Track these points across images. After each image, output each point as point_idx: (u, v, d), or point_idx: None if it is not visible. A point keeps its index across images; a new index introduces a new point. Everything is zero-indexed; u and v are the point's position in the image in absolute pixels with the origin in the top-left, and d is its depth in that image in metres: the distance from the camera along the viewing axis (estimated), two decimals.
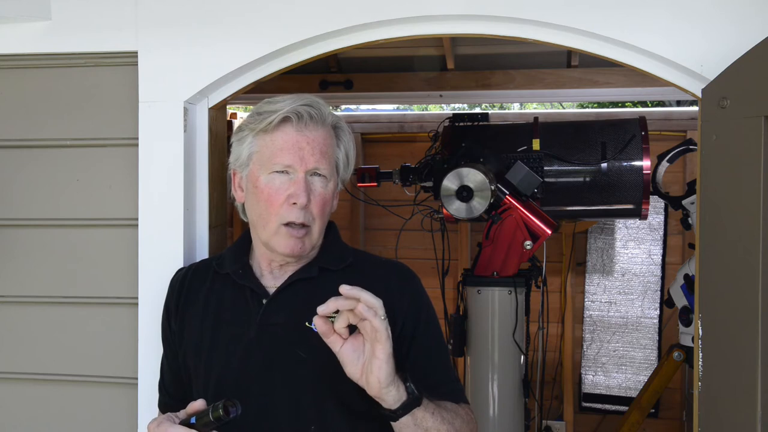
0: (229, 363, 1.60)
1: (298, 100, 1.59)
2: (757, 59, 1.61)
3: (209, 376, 1.62)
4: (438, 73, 3.83)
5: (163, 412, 1.71)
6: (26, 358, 2.12)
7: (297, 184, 1.55)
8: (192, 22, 2.00)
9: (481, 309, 2.70)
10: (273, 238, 1.58)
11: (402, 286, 1.67)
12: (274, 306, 1.61)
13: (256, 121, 1.59)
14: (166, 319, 1.74)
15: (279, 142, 1.56)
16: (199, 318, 1.67)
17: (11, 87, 2.12)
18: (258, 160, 1.59)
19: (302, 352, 1.56)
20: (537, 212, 2.70)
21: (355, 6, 1.93)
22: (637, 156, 2.86)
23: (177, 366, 1.71)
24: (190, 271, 1.77)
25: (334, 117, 1.63)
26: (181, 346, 1.69)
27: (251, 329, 1.61)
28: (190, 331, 1.68)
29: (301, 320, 1.57)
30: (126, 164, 2.04)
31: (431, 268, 3.02)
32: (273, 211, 1.57)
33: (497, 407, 2.68)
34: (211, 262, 1.76)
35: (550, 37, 1.93)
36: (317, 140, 1.57)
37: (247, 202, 1.65)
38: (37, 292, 2.11)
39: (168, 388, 1.77)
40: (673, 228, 4.18)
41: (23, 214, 2.11)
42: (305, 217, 1.56)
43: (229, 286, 1.68)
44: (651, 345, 4.26)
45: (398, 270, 1.72)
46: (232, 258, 1.71)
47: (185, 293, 1.72)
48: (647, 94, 4.48)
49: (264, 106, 1.61)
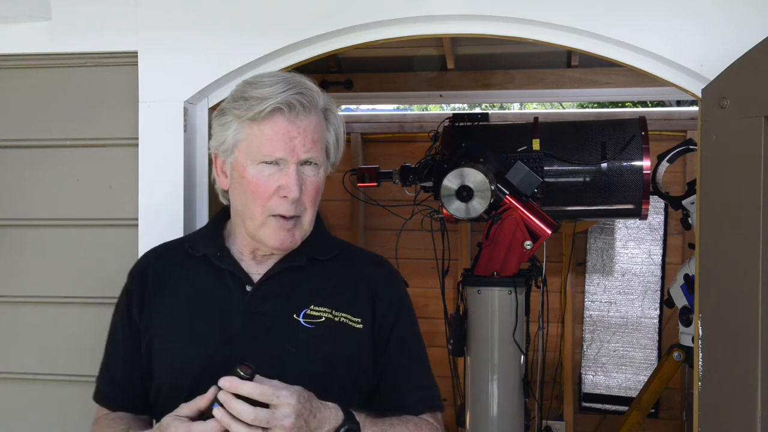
0: (212, 353, 1.52)
1: (286, 84, 1.48)
2: (757, 59, 1.61)
3: (186, 365, 1.53)
4: (438, 73, 3.83)
5: (110, 405, 1.64)
6: (26, 358, 2.12)
7: (288, 176, 1.47)
8: (192, 23, 2.00)
9: (481, 309, 2.70)
10: (260, 230, 1.52)
11: (387, 288, 1.65)
12: (261, 294, 1.55)
13: (242, 107, 1.49)
14: (126, 310, 1.61)
15: (269, 132, 1.47)
16: (172, 305, 1.58)
17: (11, 87, 2.12)
18: (245, 149, 1.50)
19: (291, 346, 1.52)
20: (537, 212, 2.70)
21: (355, 6, 1.93)
22: (637, 156, 2.86)
23: (135, 357, 1.59)
24: (153, 258, 1.67)
25: (324, 100, 1.54)
26: (146, 336, 1.58)
27: (236, 317, 1.54)
28: (161, 319, 1.57)
29: (289, 311, 1.54)
30: (126, 164, 2.04)
31: (431, 268, 3.02)
32: (261, 202, 1.49)
33: (497, 407, 2.68)
34: (179, 244, 1.66)
35: (550, 37, 1.93)
36: (309, 129, 1.49)
37: (232, 190, 1.57)
38: (37, 292, 2.11)
39: (121, 381, 1.64)
40: (673, 228, 4.18)
41: (23, 214, 2.11)
42: (296, 209, 1.50)
43: (204, 270, 1.59)
44: (651, 345, 4.25)
45: (386, 271, 1.69)
46: (206, 240, 1.63)
47: (152, 281, 1.61)
48: (647, 94, 4.47)
49: (249, 90, 1.50)
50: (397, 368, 1.62)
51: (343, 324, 1.55)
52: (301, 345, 1.51)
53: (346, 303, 1.57)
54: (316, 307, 1.55)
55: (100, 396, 1.68)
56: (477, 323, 2.71)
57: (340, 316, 1.55)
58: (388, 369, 1.60)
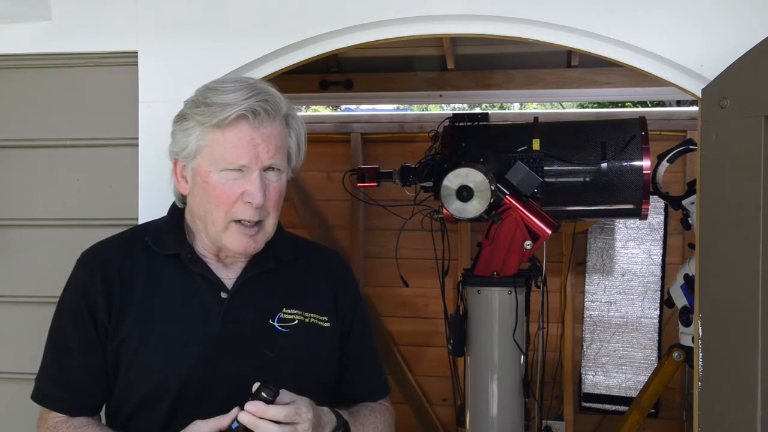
0: (190, 361, 1.51)
1: (250, 91, 1.48)
2: (757, 59, 1.61)
3: (169, 372, 1.51)
4: (438, 73, 3.83)
5: (69, 411, 1.56)
6: (26, 358, 2.12)
7: (252, 183, 1.48)
8: (192, 23, 2.00)
9: (481, 309, 2.70)
10: (223, 235, 1.52)
11: (345, 283, 1.72)
12: (236, 301, 1.56)
13: (205, 113, 1.48)
14: (87, 308, 1.54)
15: (233, 140, 1.47)
16: (142, 309, 1.54)
17: (11, 87, 2.12)
18: (209, 155, 1.49)
19: (269, 351, 1.55)
20: (537, 212, 2.69)
21: (355, 6, 1.93)
22: (637, 156, 2.85)
23: (99, 360, 1.54)
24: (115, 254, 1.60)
25: (286, 106, 1.55)
26: (115, 338, 1.52)
27: (213, 325, 1.54)
28: (132, 325, 1.53)
29: (264, 316, 1.57)
30: (126, 164, 2.04)
31: (431, 268, 3.02)
32: (224, 208, 1.49)
33: (497, 407, 2.68)
34: (140, 239, 1.61)
35: (550, 37, 1.93)
36: (273, 135, 1.50)
37: (193, 195, 1.56)
38: (37, 292, 2.10)
39: (80, 385, 1.56)
40: (673, 228, 4.17)
41: (23, 214, 2.11)
42: (260, 214, 1.51)
43: (173, 270, 1.57)
44: (651, 345, 4.25)
45: (342, 266, 1.77)
46: (172, 238, 1.60)
47: (118, 278, 1.55)
48: (647, 94, 4.48)
49: (211, 96, 1.50)
50: (358, 359, 1.71)
51: (313, 325, 1.61)
52: (279, 349, 1.56)
53: (312, 303, 1.63)
54: (288, 310, 1.59)
55: (53, 400, 1.58)
56: (477, 323, 2.71)
57: (310, 317, 1.61)
58: (351, 361, 1.69)
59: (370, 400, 1.74)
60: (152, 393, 1.52)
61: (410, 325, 4.33)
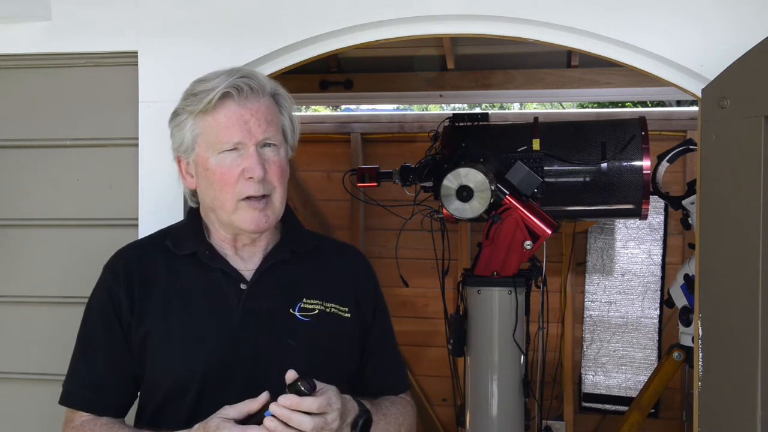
0: (213, 351, 1.53)
1: (232, 73, 1.53)
2: (757, 59, 1.61)
3: (191, 365, 1.53)
4: (438, 73, 3.83)
5: (96, 410, 1.59)
6: (26, 358, 2.12)
7: (250, 158, 1.51)
8: (192, 23, 2.00)
9: (481, 309, 2.70)
10: (234, 215, 1.54)
11: (366, 276, 1.73)
12: (256, 291, 1.58)
13: (192, 102, 1.53)
14: (113, 308, 1.57)
15: (223, 120, 1.51)
16: (164, 303, 1.57)
17: (11, 87, 2.12)
18: (204, 142, 1.54)
19: (292, 341, 1.56)
20: (537, 212, 2.70)
21: (355, 6, 1.93)
22: (637, 156, 2.86)
23: (124, 358, 1.57)
24: (132, 255, 1.65)
25: (272, 84, 1.59)
26: (138, 335, 1.56)
27: (234, 315, 1.56)
28: (154, 318, 1.56)
29: (284, 305, 1.58)
30: (126, 164, 2.04)
31: (431, 268, 3.03)
32: (229, 189, 1.52)
33: (497, 407, 2.68)
34: (160, 242, 1.65)
35: (550, 37, 1.93)
36: (261, 110, 1.53)
37: (199, 186, 1.59)
38: (37, 292, 2.11)
39: (107, 385, 1.59)
40: (673, 228, 4.17)
41: (23, 214, 2.11)
42: (264, 188, 1.53)
43: (192, 267, 1.60)
44: (651, 345, 4.25)
45: (361, 258, 1.78)
46: (191, 237, 1.63)
47: (137, 278, 1.59)
48: (647, 94, 4.48)
49: (197, 86, 1.55)
50: (380, 354, 1.71)
51: (334, 314, 1.62)
52: (300, 338, 1.56)
53: (333, 293, 1.63)
54: (308, 300, 1.60)
55: (80, 400, 1.61)
56: (477, 323, 2.71)
57: (330, 307, 1.62)
58: (373, 353, 1.69)
59: (391, 394, 1.75)
60: (177, 385, 1.54)
61: (410, 325, 4.33)
